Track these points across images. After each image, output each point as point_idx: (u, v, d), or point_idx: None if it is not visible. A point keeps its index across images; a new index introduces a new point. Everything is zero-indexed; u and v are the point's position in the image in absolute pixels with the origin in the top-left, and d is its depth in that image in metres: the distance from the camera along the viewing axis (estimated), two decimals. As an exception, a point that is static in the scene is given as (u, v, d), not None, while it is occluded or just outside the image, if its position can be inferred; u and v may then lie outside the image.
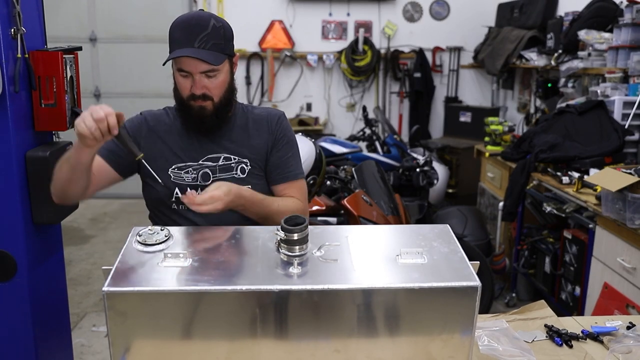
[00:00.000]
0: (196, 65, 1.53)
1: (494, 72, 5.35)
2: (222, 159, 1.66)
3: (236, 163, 1.66)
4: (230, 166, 1.65)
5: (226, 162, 1.66)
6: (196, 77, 1.55)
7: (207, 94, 1.57)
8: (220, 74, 1.58)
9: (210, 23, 1.54)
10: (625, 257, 2.49)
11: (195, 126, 1.63)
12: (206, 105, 1.58)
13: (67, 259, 3.78)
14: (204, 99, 1.57)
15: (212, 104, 1.59)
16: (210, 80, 1.57)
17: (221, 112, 1.62)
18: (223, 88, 1.60)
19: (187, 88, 1.57)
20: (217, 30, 1.55)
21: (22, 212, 1.94)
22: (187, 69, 1.54)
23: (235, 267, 1.18)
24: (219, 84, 1.58)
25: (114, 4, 5.82)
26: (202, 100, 1.57)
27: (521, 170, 3.40)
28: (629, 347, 1.41)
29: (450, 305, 1.09)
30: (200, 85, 1.56)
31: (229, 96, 1.64)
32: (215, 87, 1.58)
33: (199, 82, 1.56)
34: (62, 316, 2.26)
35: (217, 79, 1.57)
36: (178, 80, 1.59)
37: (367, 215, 2.83)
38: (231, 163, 1.66)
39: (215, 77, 1.57)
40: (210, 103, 1.59)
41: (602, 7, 3.72)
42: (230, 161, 1.66)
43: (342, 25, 5.98)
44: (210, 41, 1.53)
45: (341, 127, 6.15)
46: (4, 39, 1.81)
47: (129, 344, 1.08)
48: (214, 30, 1.54)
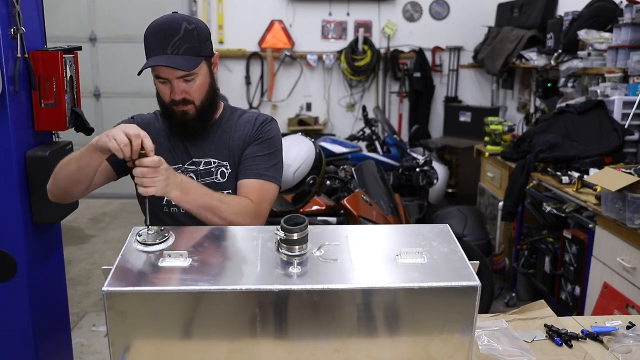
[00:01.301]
0: (172, 72, 1.52)
1: (494, 72, 5.35)
2: (203, 164, 1.64)
3: (216, 167, 1.64)
4: (211, 171, 1.63)
5: (207, 166, 1.64)
6: (174, 83, 1.54)
7: (188, 99, 1.56)
8: (199, 77, 1.56)
9: (182, 27, 1.51)
10: (625, 257, 2.49)
11: (179, 130, 1.63)
12: (188, 110, 1.57)
13: (67, 259, 3.78)
14: (185, 104, 1.56)
15: (195, 108, 1.58)
16: (189, 85, 1.55)
17: (205, 115, 1.61)
18: (203, 91, 1.59)
19: (167, 94, 1.56)
20: (189, 33, 1.52)
21: (22, 212, 1.94)
22: (163, 75, 1.53)
23: (235, 267, 1.18)
24: (198, 87, 1.57)
25: (114, 4, 5.82)
26: (184, 105, 1.56)
27: (521, 170, 3.40)
28: (629, 347, 1.41)
29: (450, 305, 1.09)
30: (179, 90, 1.55)
31: (212, 98, 1.62)
32: (195, 90, 1.56)
33: (178, 88, 1.54)
34: (62, 316, 2.26)
35: (196, 83, 1.56)
36: (158, 87, 1.58)
37: (367, 215, 2.83)
38: (212, 167, 1.64)
39: (194, 80, 1.55)
40: (192, 107, 1.57)
41: (602, 7, 3.72)
42: (210, 165, 1.64)
43: (342, 25, 5.98)
44: (183, 46, 1.51)
45: (341, 127, 6.15)
46: (4, 39, 1.81)
47: (129, 344, 1.08)
48: (186, 34, 1.51)
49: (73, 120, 2.05)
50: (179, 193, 1.43)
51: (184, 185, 1.44)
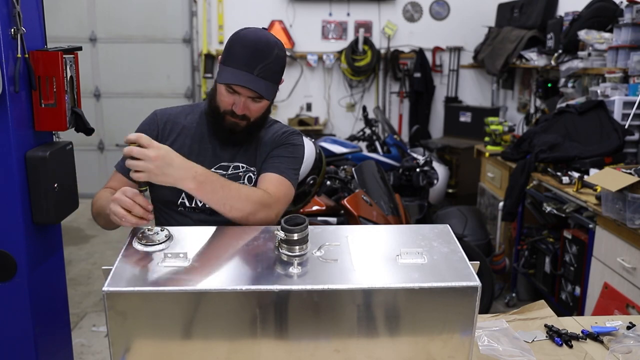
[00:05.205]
0: (248, 91, 1.51)
1: (494, 72, 5.35)
2: (232, 168, 1.64)
3: (244, 172, 1.63)
4: (238, 175, 1.63)
5: (235, 170, 1.63)
6: (242, 99, 1.52)
7: (247, 115, 1.56)
8: (265, 100, 1.56)
9: (274, 52, 1.50)
10: (625, 257, 2.49)
11: (223, 136, 1.61)
12: (240, 123, 1.57)
13: (67, 259, 3.78)
14: (242, 119, 1.56)
15: (247, 123, 1.58)
16: (254, 104, 1.55)
17: (253, 130, 1.61)
18: (263, 110, 1.60)
19: (229, 104, 1.54)
20: (278, 60, 1.52)
21: (22, 212, 1.93)
22: (237, 90, 1.51)
23: (235, 267, 1.18)
24: (260, 108, 1.57)
25: (114, 4, 5.82)
26: (240, 119, 1.56)
27: (521, 170, 3.40)
28: (629, 347, 1.41)
29: (450, 305, 1.09)
30: (244, 107, 1.54)
31: (265, 116, 1.63)
32: (256, 110, 1.57)
33: (244, 105, 1.53)
34: (62, 316, 2.26)
35: (261, 104, 1.56)
36: (221, 92, 1.55)
37: (367, 215, 2.83)
38: (239, 172, 1.63)
39: (260, 102, 1.55)
40: (245, 122, 1.57)
41: (602, 7, 3.72)
42: (239, 170, 1.63)
43: (342, 25, 5.98)
44: (270, 72, 1.50)
45: (341, 127, 6.15)
46: (4, 39, 1.81)
47: (129, 344, 1.08)
48: (276, 60, 1.51)
49: (73, 120, 2.04)
50: (193, 185, 1.38)
51: (199, 177, 1.39)
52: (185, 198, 1.60)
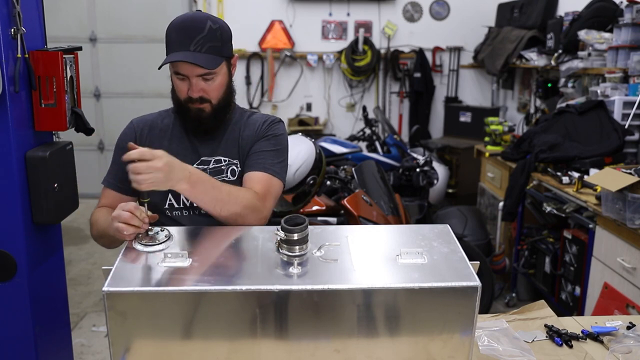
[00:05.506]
0: (192, 69, 1.52)
1: (494, 72, 5.35)
2: (213, 162, 1.64)
3: (227, 165, 1.64)
4: (221, 169, 1.63)
5: (217, 164, 1.64)
6: (193, 81, 1.54)
7: (205, 97, 1.57)
8: (218, 77, 1.56)
9: (207, 25, 1.52)
10: (625, 257, 2.49)
11: (193, 128, 1.63)
12: (204, 108, 1.58)
13: (67, 259, 3.77)
14: (202, 102, 1.57)
15: (210, 106, 1.58)
16: (207, 83, 1.56)
17: (219, 114, 1.61)
18: (221, 90, 1.60)
19: (184, 91, 1.57)
20: (213, 32, 1.53)
21: (22, 212, 1.93)
22: (183, 72, 1.54)
23: (235, 267, 1.18)
24: (216, 87, 1.57)
25: (114, 4, 5.82)
26: (200, 103, 1.57)
27: (521, 170, 3.40)
28: (629, 347, 1.41)
29: (450, 305, 1.09)
30: (197, 88, 1.55)
31: (228, 98, 1.63)
32: (212, 89, 1.57)
33: (196, 86, 1.55)
34: (62, 316, 2.26)
35: (215, 82, 1.56)
36: (175, 83, 1.58)
37: (367, 215, 2.83)
38: (222, 165, 1.63)
39: (213, 80, 1.56)
40: (208, 105, 1.58)
41: (602, 7, 3.72)
42: (221, 163, 1.64)
43: (342, 25, 5.98)
44: (206, 44, 1.51)
45: (341, 127, 6.14)
46: (4, 39, 1.81)
47: (129, 344, 1.08)
48: (210, 33, 1.52)
49: (73, 120, 2.04)
50: (187, 186, 1.39)
51: (192, 177, 1.41)
52: (172, 199, 1.61)
